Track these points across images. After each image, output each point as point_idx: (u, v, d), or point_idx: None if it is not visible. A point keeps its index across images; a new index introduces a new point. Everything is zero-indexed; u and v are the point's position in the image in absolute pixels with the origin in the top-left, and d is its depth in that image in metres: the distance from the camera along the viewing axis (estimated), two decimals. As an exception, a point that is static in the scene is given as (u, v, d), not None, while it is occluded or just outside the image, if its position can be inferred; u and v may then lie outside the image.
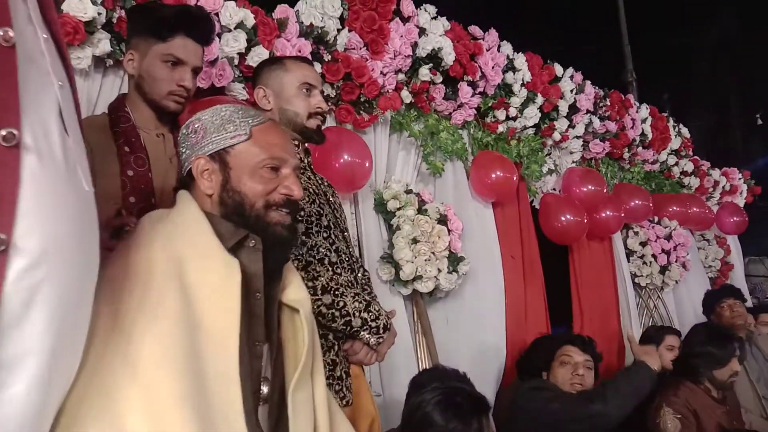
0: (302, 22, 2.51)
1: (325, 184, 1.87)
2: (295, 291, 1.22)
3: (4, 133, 0.68)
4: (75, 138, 0.81)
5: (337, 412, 1.30)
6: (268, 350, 1.15)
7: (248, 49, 2.31)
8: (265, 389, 1.12)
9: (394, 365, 2.63)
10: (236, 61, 2.31)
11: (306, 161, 1.77)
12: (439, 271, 2.77)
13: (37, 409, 0.73)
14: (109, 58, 2.02)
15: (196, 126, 1.17)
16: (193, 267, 1.03)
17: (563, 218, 3.67)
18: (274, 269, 1.17)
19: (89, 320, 0.85)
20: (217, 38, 2.23)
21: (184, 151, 1.20)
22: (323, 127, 1.84)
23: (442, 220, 2.86)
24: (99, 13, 1.93)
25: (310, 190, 1.70)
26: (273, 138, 1.17)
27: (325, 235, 1.66)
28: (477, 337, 3.09)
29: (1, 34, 0.69)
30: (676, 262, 4.44)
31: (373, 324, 1.63)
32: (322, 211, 1.69)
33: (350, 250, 1.81)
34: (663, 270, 4.41)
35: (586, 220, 3.73)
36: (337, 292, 1.58)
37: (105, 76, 2.06)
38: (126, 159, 1.54)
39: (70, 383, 0.84)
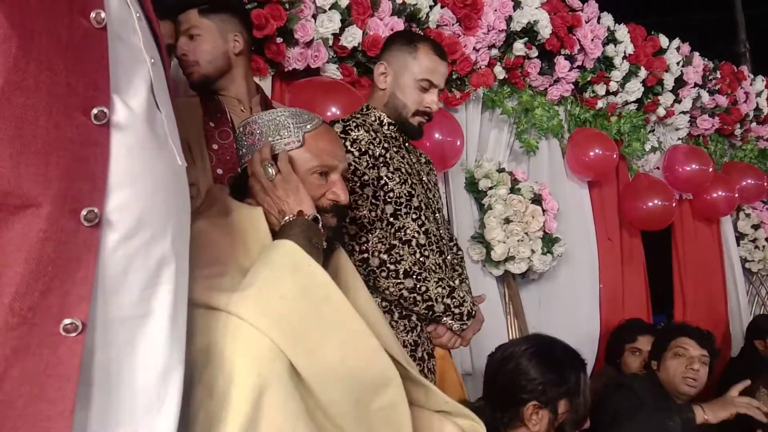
0: (395, 0, 2.48)
1: (422, 161, 1.83)
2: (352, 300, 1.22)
3: (95, 111, 0.70)
4: (167, 114, 0.83)
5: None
6: None
7: (342, 29, 2.33)
8: None
9: (483, 346, 2.60)
10: (330, 42, 2.33)
11: (401, 139, 1.75)
12: (533, 252, 2.70)
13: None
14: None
15: (253, 128, 1.21)
16: (247, 256, 1.09)
17: (650, 203, 3.36)
18: (324, 265, 1.22)
19: (186, 289, 0.87)
20: (312, 19, 2.26)
21: (240, 150, 1.25)
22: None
23: (537, 199, 2.79)
24: None
25: (403, 169, 1.67)
26: (323, 144, 1.21)
27: (414, 216, 1.64)
28: (570, 320, 3.00)
29: (93, 16, 0.71)
30: (793, 247, 4.10)
31: (456, 310, 1.60)
32: (413, 192, 1.66)
33: (440, 231, 1.77)
34: (777, 255, 4.09)
35: (674, 204, 3.46)
36: (419, 277, 1.55)
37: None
38: (211, 133, 1.62)
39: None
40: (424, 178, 1.78)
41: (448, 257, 1.79)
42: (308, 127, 1.21)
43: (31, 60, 0.65)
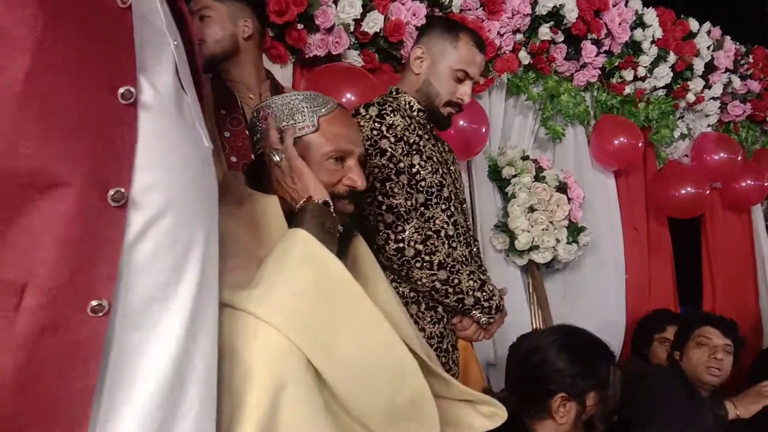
0: (417, -16, 2.44)
1: (446, 149, 1.80)
2: (370, 291, 1.15)
3: (122, 90, 0.69)
4: (192, 96, 0.82)
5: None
6: None
7: (363, 14, 2.29)
8: None
9: (507, 337, 2.57)
10: (352, 28, 2.30)
11: (428, 126, 1.70)
12: (558, 241, 2.65)
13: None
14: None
15: (266, 113, 1.18)
16: (264, 247, 1.06)
17: (683, 190, 3.31)
18: (340, 252, 1.17)
19: (216, 276, 0.86)
20: (333, 5, 2.23)
21: (255, 135, 1.21)
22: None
23: (562, 188, 2.74)
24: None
25: (434, 158, 1.63)
26: (339, 129, 1.17)
27: (444, 206, 1.61)
28: (595, 311, 2.95)
29: None
30: (827, 236, 3.98)
31: (486, 304, 1.58)
32: (444, 182, 1.63)
33: (468, 222, 1.75)
34: (811, 245, 3.97)
35: (708, 192, 3.40)
36: (453, 269, 1.53)
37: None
38: (222, 121, 1.62)
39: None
40: (451, 168, 1.75)
41: (474, 249, 1.76)
42: (323, 111, 1.17)
43: (58, 39, 0.65)
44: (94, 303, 0.66)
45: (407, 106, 1.65)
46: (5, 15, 0.62)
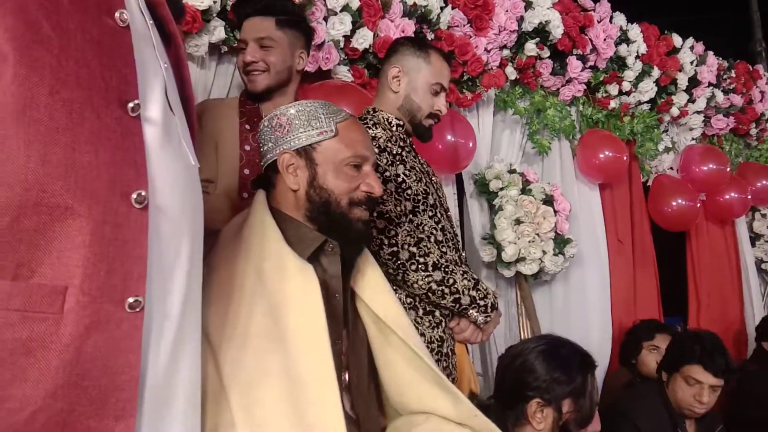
0: (406, 2, 2.48)
1: (425, 163, 1.85)
2: (381, 302, 1.24)
3: (131, 105, 0.74)
4: (179, 116, 0.87)
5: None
6: (345, 338, 1.20)
7: (353, 31, 2.34)
8: (346, 377, 1.18)
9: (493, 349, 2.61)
10: (341, 44, 2.34)
11: (408, 141, 1.76)
12: (544, 253, 2.69)
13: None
14: (223, 45, 2.11)
15: (282, 120, 1.18)
16: (274, 279, 1.08)
17: (674, 203, 3.41)
18: (350, 264, 1.22)
19: (200, 289, 0.90)
20: (323, 21, 2.27)
21: (265, 144, 1.21)
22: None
23: (548, 200, 2.78)
24: (214, 2, 2.02)
25: (417, 168, 1.70)
26: (356, 135, 1.19)
27: (430, 213, 1.67)
28: (583, 323, 2.99)
29: (117, 15, 0.76)
30: (809, 248, 4.05)
31: (482, 302, 1.61)
32: (428, 190, 1.69)
33: (454, 229, 1.80)
34: (794, 256, 4.04)
35: (699, 205, 3.48)
36: (447, 269, 1.57)
37: (220, 63, 2.16)
38: (245, 135, 1.68)
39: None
40: (433, 178, 1.81)
41: (464, 254, 1.80)
42: (339, 117, 1.19)
43: (70, 57, 0.69)
44: (131, 300, 0.71)
45: (386, 122, 1.72)
46: (25, 43, 0.66)
